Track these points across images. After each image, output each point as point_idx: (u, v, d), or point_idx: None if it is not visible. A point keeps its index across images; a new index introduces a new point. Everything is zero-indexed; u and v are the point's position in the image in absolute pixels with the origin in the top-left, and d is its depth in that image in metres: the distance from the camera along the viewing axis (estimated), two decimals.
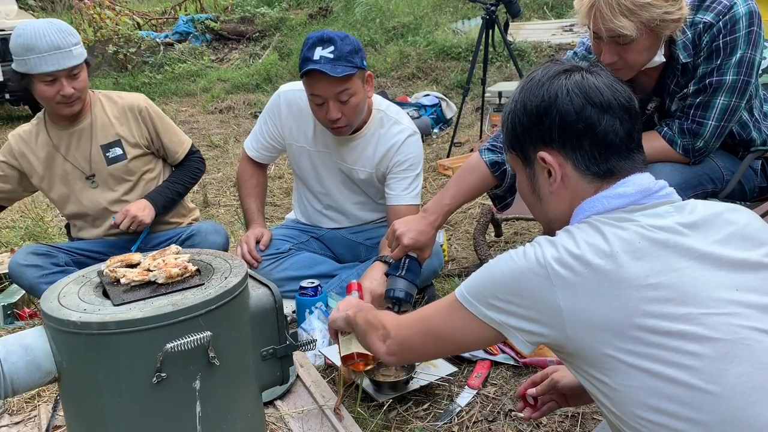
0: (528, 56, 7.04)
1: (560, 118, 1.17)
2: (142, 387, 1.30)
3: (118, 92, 2.71)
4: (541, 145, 1.21)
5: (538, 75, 1.23)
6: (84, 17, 9.68)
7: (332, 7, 9.46)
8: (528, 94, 1.22)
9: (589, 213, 1.17)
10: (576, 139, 1.18)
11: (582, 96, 1.17)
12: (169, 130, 2.70)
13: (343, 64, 2.27)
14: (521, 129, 1.23)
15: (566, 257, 1.10)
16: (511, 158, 1.30)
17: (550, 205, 1.26)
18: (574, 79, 1.19)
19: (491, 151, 2.19)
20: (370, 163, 2.55)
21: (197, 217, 2.90)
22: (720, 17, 1.91)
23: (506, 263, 1.17)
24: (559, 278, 1.09)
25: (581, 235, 1.12)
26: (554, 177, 1.21)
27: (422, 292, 2.61)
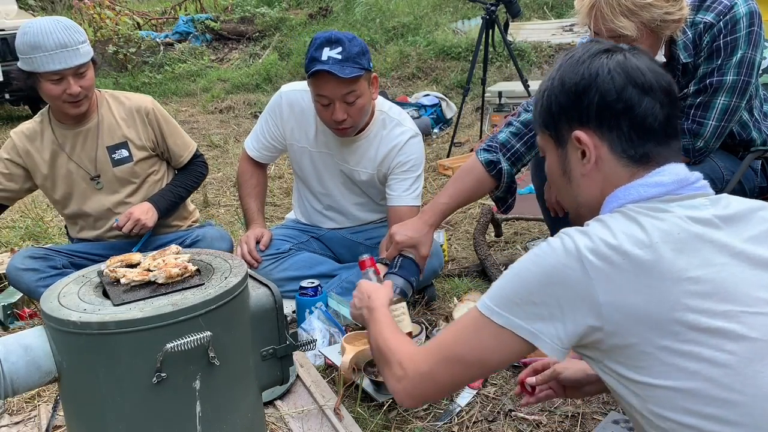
0: (528, 56, 7.05)
1: (600, 97, 1.13)
2: (142, 387, 1.30)
3: (125, 93, 2.70)
4: (577, 124, 1.16)
5: (579, 53, 1.19)
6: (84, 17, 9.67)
7: (332, 7, 9.46)
8: (567, 71, 1.18)
9: (622, 201, 1.12)
10: (614, 120, 1.13)
11: (624, 75, 1.13)
12: (175, 133, 2.69)
13: (351, 65, 2.27)
14: (557, 107, 1.18)
15: (602, 248, 1.04)
16: (543, 138, 1.25)
17: (580, 188, 1.21)
18: (616, 59, 1.15)
19: (487, 151, 2.21)
20: (372, 165, 2.55)
21: (198, 219, 2.89)
22: (720, 17, 1.91)
23: (533, 261, 1.10)
24: (597, 270, 1.03)
25: (616, 224, 1.07)
26: (588, 158, 1.16)
27: (422, 292, 2.61)
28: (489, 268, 2.78)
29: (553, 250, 1.08)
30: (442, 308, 2.57)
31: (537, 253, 1.11)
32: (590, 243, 1.05)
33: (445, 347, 1.19)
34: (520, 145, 2.19)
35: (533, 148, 2.21)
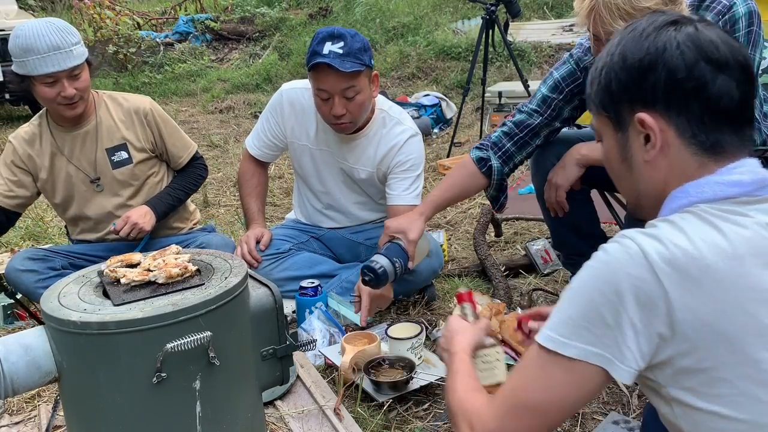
0: (528, 56, 7.05)
1: (667, 75, 0.99)
2: (142, 387, 1.30)
3: (123, 94, 2.68)
4: (641, 105, 1.02)
5: (642, 25, 1.05)
6: (84, 17, 9.67)
7: (332, 7, 9.46)
8: (629, 45, 1.04)
9: (693, 200, 0.99)
10: (683, 101, 1.00)
11: (695, 50, 0.99)
12: (174, 135, 2.67)
13: (351, 60, 2.28)
14: (618, 86, 1.04)
15: (679, 256, 0.91)
16: (600, 120, 1.12)
17: (642, 176, 1.07)
18: (686, 31, 1.01)
19: (479, 149, 2.26)
20: (372, 163, 2.55)
21: (199, 220, 2.89)
22: (719, 17, 1.91)
23: (593, 275, 0.96)
24: (673, 283, 0.91)
25: (692, 228, 0.94)
26: (653, 143, 1.02)
27: (422, 292, 2.61)
28: (489, 268, 2.78)
29: (616, 259, 0.94)
30: (442, 308, 2.57)
31: (596, 265, 0.97)
32: (663, 249, 0.92)
33: (510, 395, 1.03)
34: (510, 145, 2.22)
35: (523, 149, 2.24)
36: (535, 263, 2.88)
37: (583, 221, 2.33)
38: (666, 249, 0.92)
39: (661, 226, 0.96)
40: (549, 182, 2.20)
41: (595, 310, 0.94)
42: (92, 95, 2.55)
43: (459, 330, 1.37)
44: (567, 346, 0.96)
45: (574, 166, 2.13)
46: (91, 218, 2.61)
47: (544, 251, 2.89)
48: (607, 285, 0.94)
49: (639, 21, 1.06)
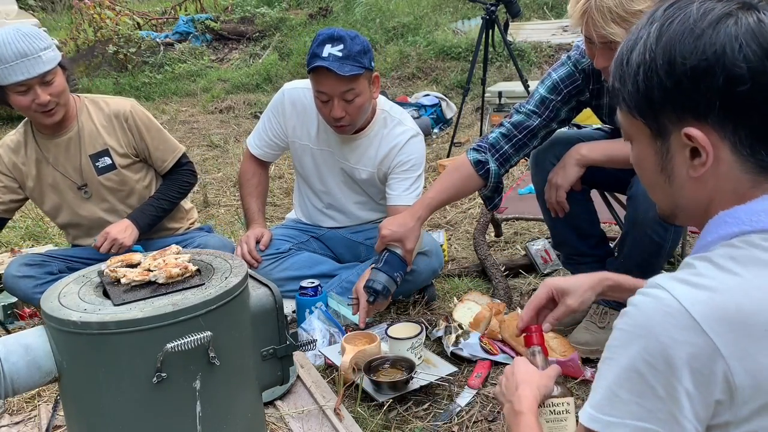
0: (528, 56, 7.05)
1: (727, 83, 0.83)
2: (143, 387, 1.30)
3: (105, 97, 2.62)
4: (690, 116, 0.87)
5: (693, 13, 0.86)
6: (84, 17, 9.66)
7: (332, 7, 9.46)
8: (677, 44, 0.86)
9: (747, 228, 0.85)
10: (744, 112, 0.84)
11: (761, 52, 0.83)
12: (157, 138, 2.59)
13: (351, 63, 2.28)
14: (662, 93, 0.88)
15: (733, 312, 0.78)
16: (631, 123, 0.95)
17: (684, 190, 0.93)
18: (747, 25, 0.84)
19: (476, 151, 2.24)
20: (372, 163, 2.55)
21: (196, 219, 2.87)
22: None
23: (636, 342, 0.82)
24: (731, 345, 0.78)
25: (744, 271, 0.81)
26: (704, 160, 0.87)
27: (422, 292, 2.61)
28: (489, 268, 2.78)
29: (657, 322, 0.81)
30: (442, 308, 2.57)
31: (634, 329, 0.83)
32: (711, 302, 0.79)
33: None
34: (508, 147, 2.21)
35: (521, 150, 2.24)
36: (535, 263, 2.88)
37: (583, 221, 2.33)
38: (715, 304, 0.79)
39: (704, 270, 0.82)
40: (549, 183, 2.20)
41: (643, 382, 0.82)
42: (73, 100, 2.50)
43: (525, 379, 1.21)
44: (615, 425, 0.84)
45: (574, 167, 2.13)
46: (82, 225, 2.60)
47: (544, 251, 2.89)
48: (654, 354, 0.81)
49: (687, 6, 0.88)
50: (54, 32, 9.52)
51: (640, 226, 2.01)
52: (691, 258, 0.87)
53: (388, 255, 2.24)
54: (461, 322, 2.26)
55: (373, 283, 2.23)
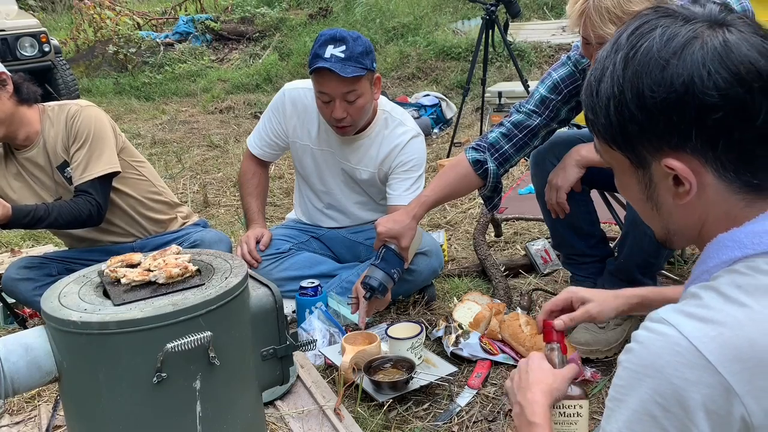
0: (528, 56, 7.05)
1: (700, 112, 0.80)
2: (143, 387, 1.30)
3: (72, 102, 2.52)
4: (667, 148, 0.84)
5: (656, 45, 0.83)
6: (84, 17, 9.68)
7: (332, 7, 9.46)
8: (645, 79, 0.83)
9: (749, 252, 0.81)
10: (721, 137, 0.81)
11: (730, 76, 0.79)
12: (83, 148, 2.39)
13: (353, 64, 2.28)
14: (635, 127, 0.85)
15: (746, 349, 0.74)
16: (610, 153, 0.93)
17: (672, 217, 0.91)
18: (713, 48, 0.80)
19: (475, 150, 2.24)
20: (373, 164, 2.55)
21: (188, 214, 2.83)
22: None
23: (644, 383, 0.78)
24: (745, 383, 0.74)
25: (752, 301, 0.77)
26: (687, 188, 0.85)
27: (422, 292, 2.61)
28: (489, 268, 2.78)
29: (666, 362, 0.76)
30: (442, 308, 2.58)
31: (641, 370, 0.79)
32: (720, 339, 0.75)
33: None
34: (508, 147, 2.21)
35: (522, 150, 2.23)
36: (534, 263, 2.88)
37: (583, 221, 2.33)
38: (725, 339, 0.75)
39: (711, 302, 0.78)
40: (549, 184, 2.20)
41: (657, 426, 0.77)
42: (37, 112, 2.45)
43: (539, 380, 1.15)
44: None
45: (574, 168, 2.13)
46: (69, 234, 2.59)
47: (544, 251, 2.89)
48: (666, 396, 0.76)
49: (650, 33, 0.85)
50: (54, 32, 9.50)
51: (640, 226, 2.02)
52: (696, 287, 0.83)
53: (385, 252, 2.26)
54: (461, 322, 2.27)
55: (370, 279, 2.25)
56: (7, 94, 2.35)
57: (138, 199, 2.62)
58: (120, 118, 7.05)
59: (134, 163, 2.63)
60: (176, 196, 3.05)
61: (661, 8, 0.88)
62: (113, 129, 2.52)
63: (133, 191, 2.60)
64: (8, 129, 2.38)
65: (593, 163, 2.10)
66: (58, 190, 2.50)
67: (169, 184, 3.47)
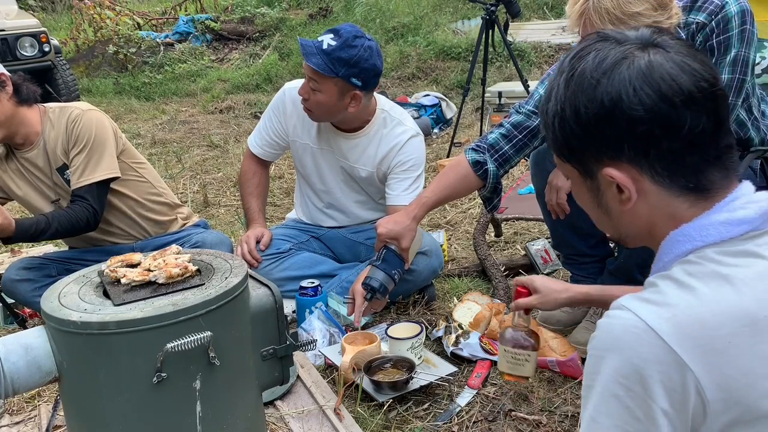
0: (528, 56, 7.05)
1: (629, 126, 0.90)
2: (143, 387, 1.30)
3: (74, 104, 2.51)
4: (606, 159, 0.93)
5: (589, 68, 0.93)
6: (84, 17, 9.67)
7: (332, 7, 9.47)
8: (580, 97, 0.93)
9: (699, 244, 0.89)
10: (652, 147, 0.90)
11: (654, 92, 0.88)
12: (82, 153, 2.39)
13: (324, 60, 2.30)
14: (576, 140, 0.95)
15: (697, 330, 0.81)
16: (562, 165, 1.03)
17: (622, 221, 0.99)
18: (638, 68, 0.89)
19: (475, 151, 2.24)
20: (372, 163, 2.55)
21: (188, 215, 2.83)
22: (712, 17, 1.92)
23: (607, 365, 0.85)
24: (699, 362, 0.81)
25: (702, 287, 0.84)
26: (628, 195, 0.94)
27: (422, 292, 2.61)
28: (489, 268, 2.78)
29: (626, 343, 0.83)
30: (442, 308, 2.58)
31: (603, 354, 0.85)
32: (675, 321, 0.82)
33: None
34: (508, 148, 2.21)
35: (522, 151, 2.23)
36: (534, 263, 2.88)
37: (583, 221, 2.33)
38: (678, 320, 0.82)
39: (665, 289, 0.86)
40: (549, 184, 2.20)
41: (620, 405, 0.84)
42: (38, 113, 2.45)
43: None
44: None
45: None
46: None
47: (544, 251, 2.89)
48: (627, 376, 0.83)
49: (585, 59, 0.94)
50: (54, 32, 9.51)
51: None
52: (653, 278, 0.90)
53: (385, 252, 2.26)
54: (461, 322, 2.27)
55: (370, 280, 2.25)
56: (7, 96, 2.35)
57: (138, 200, 2.61)
58: (120, 118, 7.05)
59: (134, 164, 2.62)
60: (176, 196, 3.05)
61: (601, 33, 0.98)
62: (114, 132, 2.52)
63: (132, 193, 2.60)
64: (8, 130, 2.39)
65: None
66: (57, 191, 2.50)
67: (169, 184, 3.46)
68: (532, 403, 1.93)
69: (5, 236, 2.26)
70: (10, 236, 2.26)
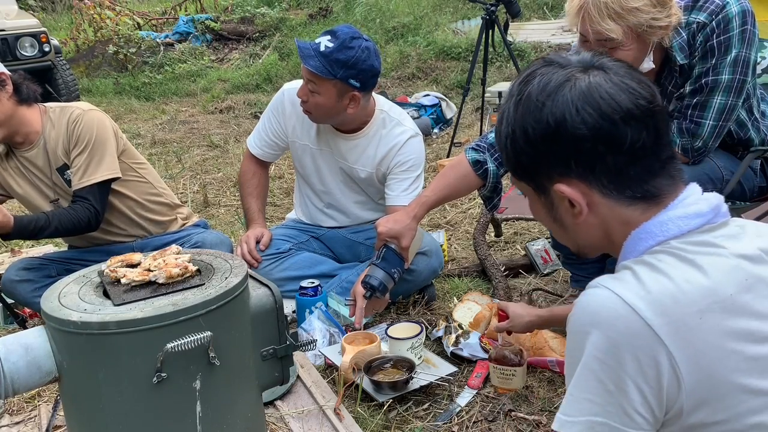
0: (528, 56, 7.05)
1: (574, 143, 0.95)
2: (143, 387, 1.30)
3: (75, 104, 2.51)
4: (556, 175, 0.99)
5: (534, 91, 0.98)
6: (84, 17, 9.67)
7: (332, 7, 9.46)
8: (528, 118, 0.98)
9: (661, 238, 0.95)
10: (597, 162, 0.95)
11: (595, 113, 0.94)
12: (83, 155, 2.40)
13: (322, 62, 2.30)
14: (527, 158, 1.01)
15: (670, 305, 0.86)
16: (517, 183, 1.08)
17: (578, 234, 1.04)
18: (579, 89, 0.95)
19: (475, 151, 2.25)
20: (371, 163, 2.55)
21: (188, 215, 2.83)
22: (713, 17, 1.92)
23: (584, 340, 0.89)
24: (672, 336, 0.85)
25: (672, 270, 0.89)
26: (579, 209, 0.99)
27: (422, 292, 2.61)
28: (489, 268, 2.78)
29: (603, 318, 0.88)
30: (442, 308, 2.57)
31: (581, 328, 0.90)
32: (650, 298, 0.87)
33: None
34: None
35: None
36: (534, 263, 2.88)
37: None
38: (653, 298, 0.86)
39: (639, 270, 0.90)
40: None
41: (594, 378, 0.88)
42: (38, 112, 2.45)
43: None
44: (570, 424, 0.91)
45: None
46: None
47: (544, 251, 2.89)
48: (601, 349, 0.87)
49: (529, 82, 0.99)
50: (54, 32, 9.51)
51: None
52: (627, 263, 0.94)
53: (385, 251, 2.27)
54: (461, 322, 2.27)
55: (370, 279, 2.26)
56: (7, 95, 2.35)
57: (138, 201, 2.61)
58: (120, 118, 7.05)
59: (134, 165, 2.62)
60: (176, 196, 3.05)
61: (546, 58, 1.03)
62: (115, 132, 2.52)
63: (132, 193, 2.60)
64: (8, 130, 2.38)
65: None
66: (56, 191, 2.50)
67: (169, 184, 3.46)
68: (532, 403, 1.93)
69: (4, 233, 2.25)
70: (9, 233, 2.26)
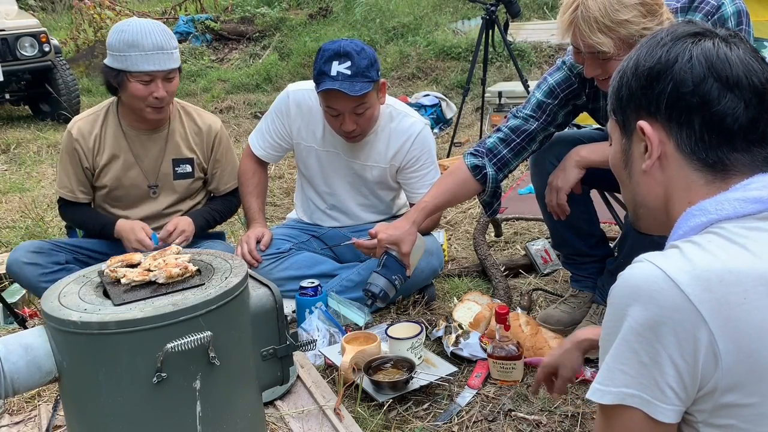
0: (528, 56, 7.06)
1: (673, 87, 0.97)
2: (143, 387, 1.30)
3: (197, 109, 2.69)
4: (645, 113, 1.01)
5: (663, 33, 1.02)
6: (84, 17, 9.67)
7: (332, 7, 9.46)
8: (644, 52, 1.02)
9: (714, 217, 0.94)
10: (686, 115, 0.97)
11: (706, 65, 0.96)
12: (231, 162, 2.71)
13: (360, 80, 2.28)
14: (627, 91, 1.03)
15: (715, 282, 0.86)
16: (611, 124, 1.11)
17: (639, 186, 1.06)
18: (703, 46, 0.97)
19: (473, 156, 2.25)
20: (384, 159, 2.56)
21: None
22: (708, 18, 1.92)
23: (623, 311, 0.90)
24: (714, 313, 0.85)
25: (720, 251, 0.89)
26: (650, 153, 1.00)
27: (422, 292, 2.61)
28: (489, 268, 2.78)
29: (644, 291, 0.88)
30: (442, 308, 2.58)
31: (621, 300, 0.91)
32: (695, 273, 0.87)
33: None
34: (507, 152, 2.21)
35: (520, 155, 2.24)
36: (535, 263, 2.88)
37: (583, 221, 2.33)
38: (698, 273, 0.86)
39: (686, 249, 0.90)
40: (549, 185, 2.20)
41: (629, 350, 0.89)
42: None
43: None
44: (604, 393, 0.91)
45: (574, 169, 2.13)
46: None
47: (544, 251, 2.89)
48: (640, 321, 0.87)
49: (663, 29, 1.04)
50: (54, 32, 9.51)
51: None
52: (675, 242, 0.94)
53: (386, 258, 2.26)
54: (461, 322, 2.27)
55: (371, 286, 2.26)
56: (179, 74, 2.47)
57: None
58: None
59: None
60: None
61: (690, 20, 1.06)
62: None
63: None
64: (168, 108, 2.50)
65: (593, 164, 2.10)
66: (158, 177, 2.58)
67: None
68: (532, 403, 1.93)
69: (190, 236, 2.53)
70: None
